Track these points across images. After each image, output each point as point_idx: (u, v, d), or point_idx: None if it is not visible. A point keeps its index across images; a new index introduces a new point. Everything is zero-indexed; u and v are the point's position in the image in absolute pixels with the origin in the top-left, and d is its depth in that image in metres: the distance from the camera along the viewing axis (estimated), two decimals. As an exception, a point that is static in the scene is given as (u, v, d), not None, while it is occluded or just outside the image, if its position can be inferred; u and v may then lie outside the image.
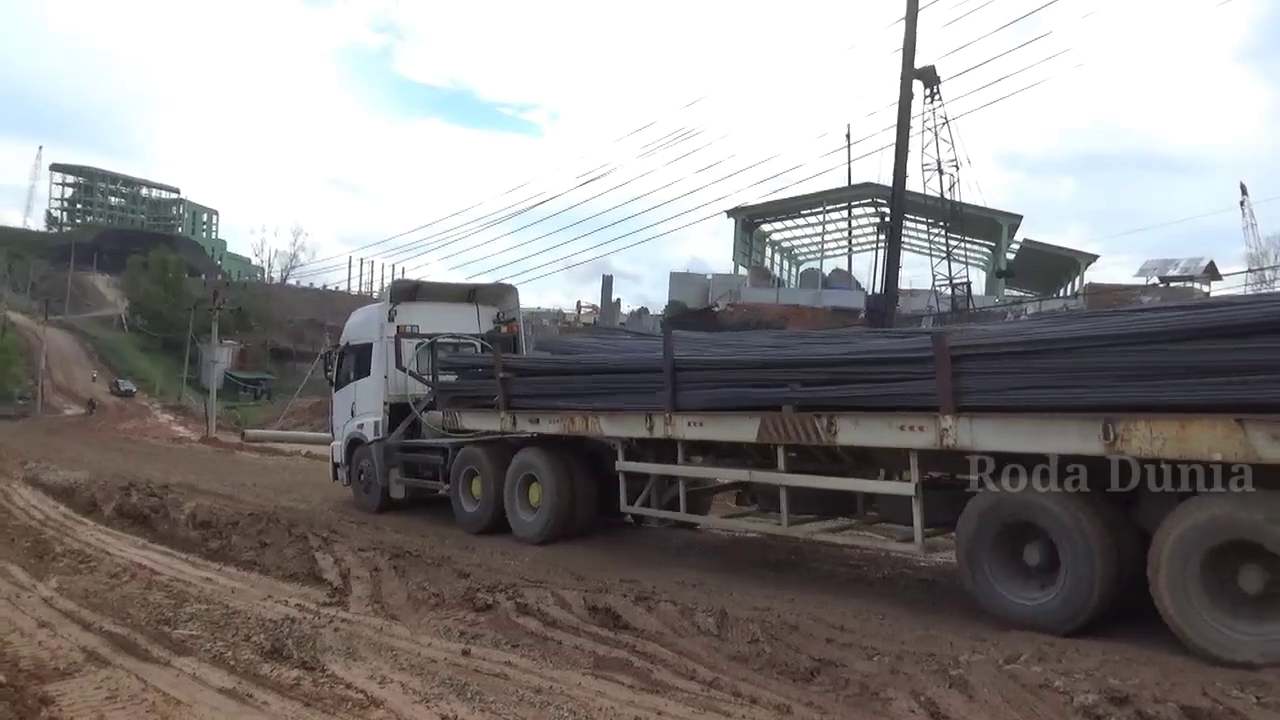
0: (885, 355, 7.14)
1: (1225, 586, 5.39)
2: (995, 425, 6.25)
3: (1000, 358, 6.36)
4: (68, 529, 12.13)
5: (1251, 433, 5.11)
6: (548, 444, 10.32)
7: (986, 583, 6.44)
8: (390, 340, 12.67)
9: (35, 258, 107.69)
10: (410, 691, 5.38)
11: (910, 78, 18.81)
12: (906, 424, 6.68)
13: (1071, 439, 5.87)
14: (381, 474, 12.65)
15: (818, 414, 7.23)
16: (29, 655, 6.22)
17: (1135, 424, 5.55)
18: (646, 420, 8.66)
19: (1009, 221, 51.90)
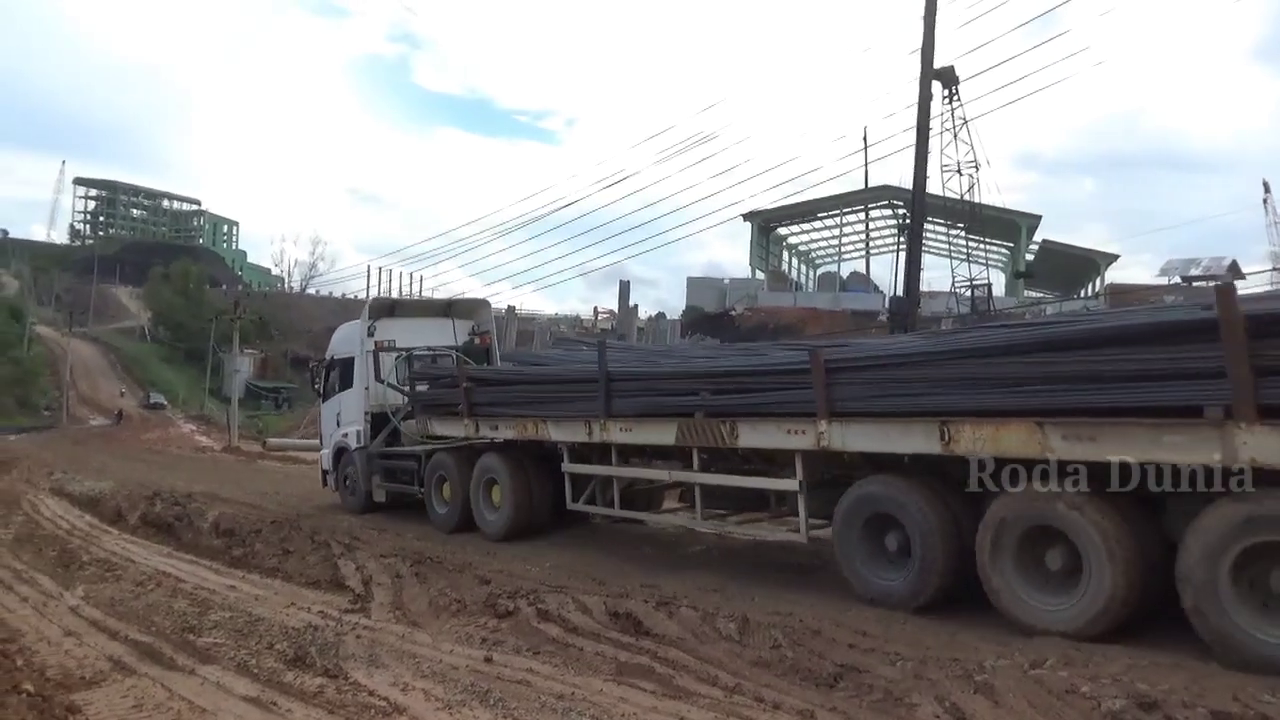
0: (775, 367, 8.01)
1: (1034, 564, 6.21)
2: (861, 429, 7.10)
3: (864, 370, 7.19)
4: (94, 538, 12.27)
5: (1049, 433, 5.96)
6: (507, 449, 10.98)
7: (855, 566, 7.30)
8: (370, 354, 13.55)
9: (59, 270, 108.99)
10: (433, 699, 5.40)
11: (929, 78, 18.72)
12: (792, 428, 7.51)
13: (918, 440, 6.72)
14: (364, 479, 13.48)
15: (723, 419, 8.08)
16: (56, 664, 6.29)
17: (962, 427, 6.40)
18: (586, 426, 9.49)
19: (1028, 222, 51.61)
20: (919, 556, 6.78)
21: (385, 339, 13.63)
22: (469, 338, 14.29)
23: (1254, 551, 5.22)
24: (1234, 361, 5.16)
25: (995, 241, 53.87)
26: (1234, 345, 5.17)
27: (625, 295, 42.65)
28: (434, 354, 13.76)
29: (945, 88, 26.73)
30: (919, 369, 6.86)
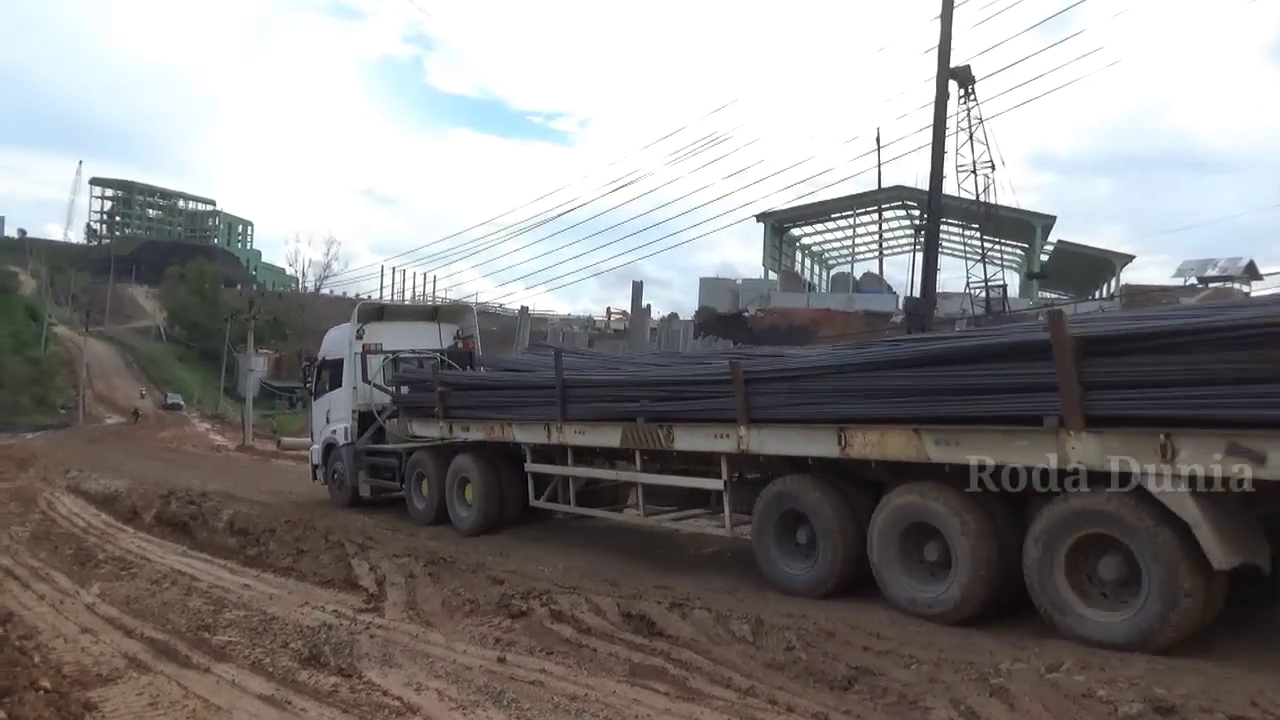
0: (705, 378, 8.71)
1: (915, 556, 6.89)
2: (774, 434, 7.77)
3: (776, 381, 7.82)
4: (109, 536, 12.34)
5: (925, 439, 6.64)
6: (478, 449, 11.57)
7: (770, 560, 7.95)
8: (358, 356, 14.19)
9: (76, 270, 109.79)
10: (446, 698, 5.40)
11: (946, 78, 18.61)
12: (718, 433, 8.20)
13: (820, 445, 7.39)
14: (351, 474, 14.17)
15: (661, 424, 8.79)
16: (72, 661, 6.32)
17: (856, 433, 7.07)
18: (546, 429, 10.18)
19: (1042, 223, 51.32)
20: (822, 549, 7.49)
21: (373, 342, 14.24)
22: (454, 342, 14.76)
23: (1085, 541, 5.93)
24: (1064, 377, 5.81)
25: (1010, 242, 53.58)
26: (1064, 363, 5.80)
27: (638, 296, 42.67)
28: (419, 357, 14.18)
29: (961, 87, 26.63)
30: (821, 381, 7.57)
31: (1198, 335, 5.54)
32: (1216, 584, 5.58)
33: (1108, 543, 5.84)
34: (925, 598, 6.74)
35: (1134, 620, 5.67)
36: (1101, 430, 5.73)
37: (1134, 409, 5.64)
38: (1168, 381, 5.55)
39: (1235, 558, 5.38)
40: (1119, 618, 5.78)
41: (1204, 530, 5.33)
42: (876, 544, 7.05)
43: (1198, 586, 5.46)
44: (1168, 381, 5.55)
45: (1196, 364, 5.44)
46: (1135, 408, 5.64)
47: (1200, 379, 5.41)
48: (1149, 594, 5.58)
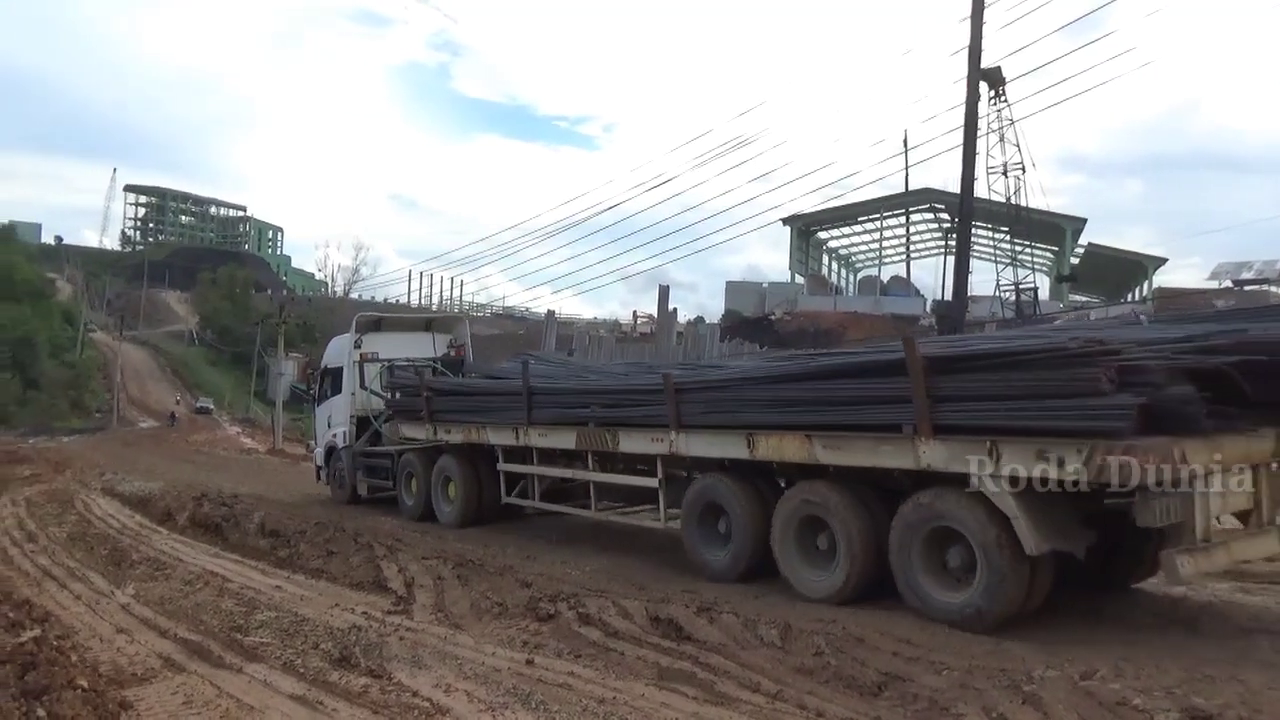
0: (644, 387, 9.59)
1: (809, 544, 7.74)
2: (698, 438, 8.67)
3: (700, 391, 8.81)
4: (143, 538, 12.51)
5: (815, 444, 7.50)
6: (460, 450, 12.42)
7: (695, 547, 8.85)
8: (356, 364, 15.13)
9: (111, 276, 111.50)
10: (475, 700, 5.42)
11: (977, 79, 18.47)
12: (655, 437, 9.09)
13: (733, 448, 8.29)
14: (350, 475, 15.21)
15: (608, 429, 9.68)
16: (108, 660, 6.42)
17: (760, 438, 7.96)
18: (514, 432, 11.08)
19: (1073, 225, 50.78)
20: (736, 538, 8.37)
21: (370, 351, 15.18)
22: (447, 350, 15.58)
23: (935, 532, 6.76)
24: (916, 392, 6.65)
25: (1040, 245, 52.88)
26: (916, 380, 6.65)
27: (664, 299, 42.66)
28: (413, 365, 14.80)
29: (991, 88, 26.38)
30: (734, 391, 8.50)
31: (1016, 357, 6.45)
32: (1040, 570, 6.42)
33: (952, 534, 6.66)
34: (816, 581, 7.60)
35: (970, 600, 6.51)
36: (946, 437, 6.57)
37: (970, 419, 6.51)
38: (994, 396, 6.42)
39: (1046, 545, 6.21)
40: (959, 599, 6.61)
41: (1020, 522, 6.16)
42: (778, 534, 7.93)
43: (1019, 571, 6.30)
44: (994, 396, 6.42)
45: (1015, 382, 6.32)
46: (971, 418, 6.51)
47: (1018, 394, 6.28)
48: (981, 578, 6.43)
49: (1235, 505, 6.38)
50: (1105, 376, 5.81)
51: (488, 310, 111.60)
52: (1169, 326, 7.79)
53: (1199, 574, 6.33)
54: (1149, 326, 8.25)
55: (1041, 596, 6.57)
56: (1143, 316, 10.47)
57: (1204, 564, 6.04)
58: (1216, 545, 6.08)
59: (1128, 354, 6.13)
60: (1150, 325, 8.30)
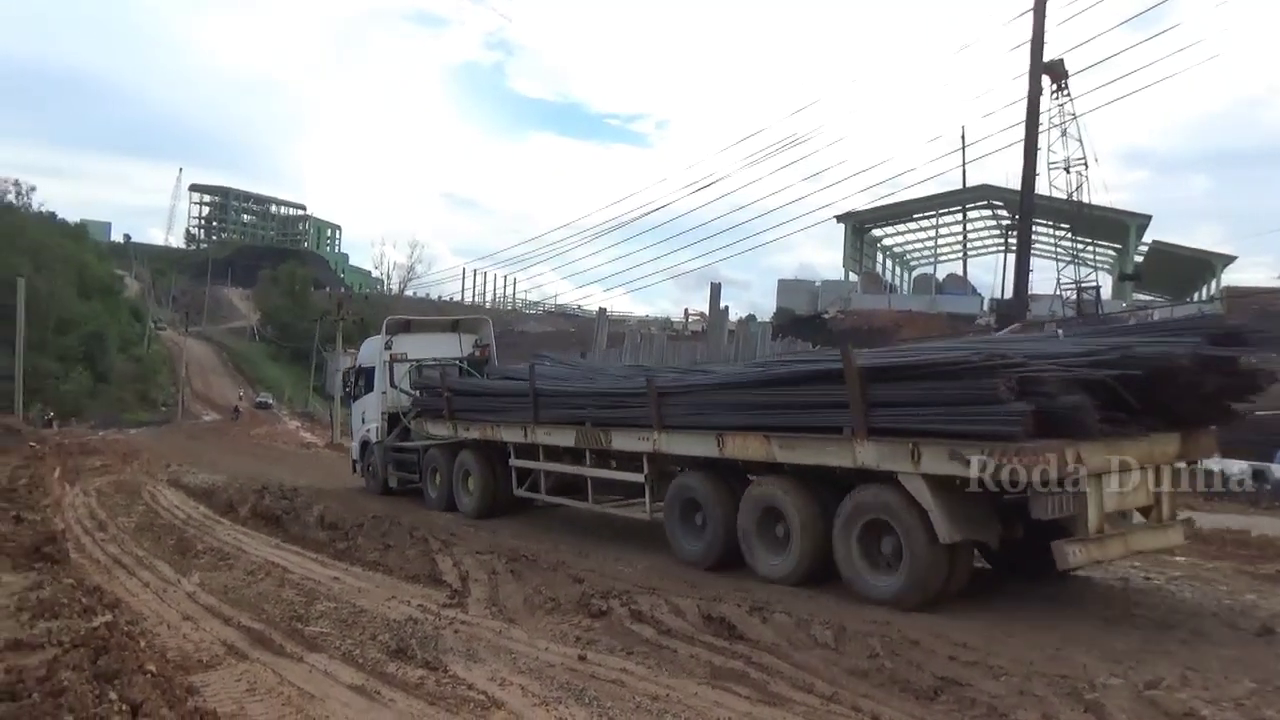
0: (633, 390, 10.34)
1: (769, 533, 8.51)
2: (677, 438, 9.48)
3: (679, 395, 9.60)
4: (207, 528, 12.83)
5: (773, 444, 8.32)
6: (477, 446, 13.17)
7: (675, 536, 9.63)
8: (386, 364, 15.89)
9: (176, 273, 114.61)
10: (529, 694, 5.47)
11: (1039, 73, 18.07)
12: (642, 436, 9.87)
13: (705, 447, 9.11)
14: (381, 468, 16.05)
15: (603, 428, 10.46)
16: (175, 647, 6.59)
17: (726, 438, 8.78)
18: (523, 430, 11.85)
19: (1137, 222, 49.36)
20: (710, 529, 9.12)
21: (399, 352, 15.96)
22: (472, 351, 16.17)
23: (870, 523, 7.53)
24: (854, 398, 7.42)
25: (1102, 242, 51.46)
26: (853, 387, 7.42)
27: (716, 298, 42.34)
28: (440, 365, 15.42)
29: (1054, 82, 25.73)
30: (707, 396, 9.34)
31: (935, 368, 7.17)
32: (958, 557, 7.29)
33: (884, 525, 7.43)
34: (774, 565, 8.42)
35: (896, 583, 7.32)
36: (878, 439, 7.33)
37: (897, 424, 7.26)
38: (917, 403, 7.15)
39: (959, 535, 7.00)
40: (887, 582, 7.41)
41: (936, 514, 6.94)
42: (742, 523, 8.71)
43: (938, 558, 7.10)
44: (917, 403, 7.15)
45: (933, 390, 7.06)
46: (898, 422, 7.26)
47: (936, 401, 7.01)
48: (905, 564, 7.23)
49: (1134, 502, 7.16)
50: (1004, 386, 6.52)
51: (540, 308, 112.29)
52: (1080, 341, 8.26)
53: (1090, 562, 7.03)
54: (1061, 340, 8.80)
55: (962, 581, 7.43)
56: (1060, 331, 10.84)
57: (1095, 553, 6.83)
58: (1111, 537, 6.87)
59: (1028, 367, 6.78)
60: (1063, 339, 8.81)
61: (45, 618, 6.80)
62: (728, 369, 11.47)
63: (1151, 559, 9.40)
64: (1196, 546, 9.97)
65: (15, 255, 58.38)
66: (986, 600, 7.58)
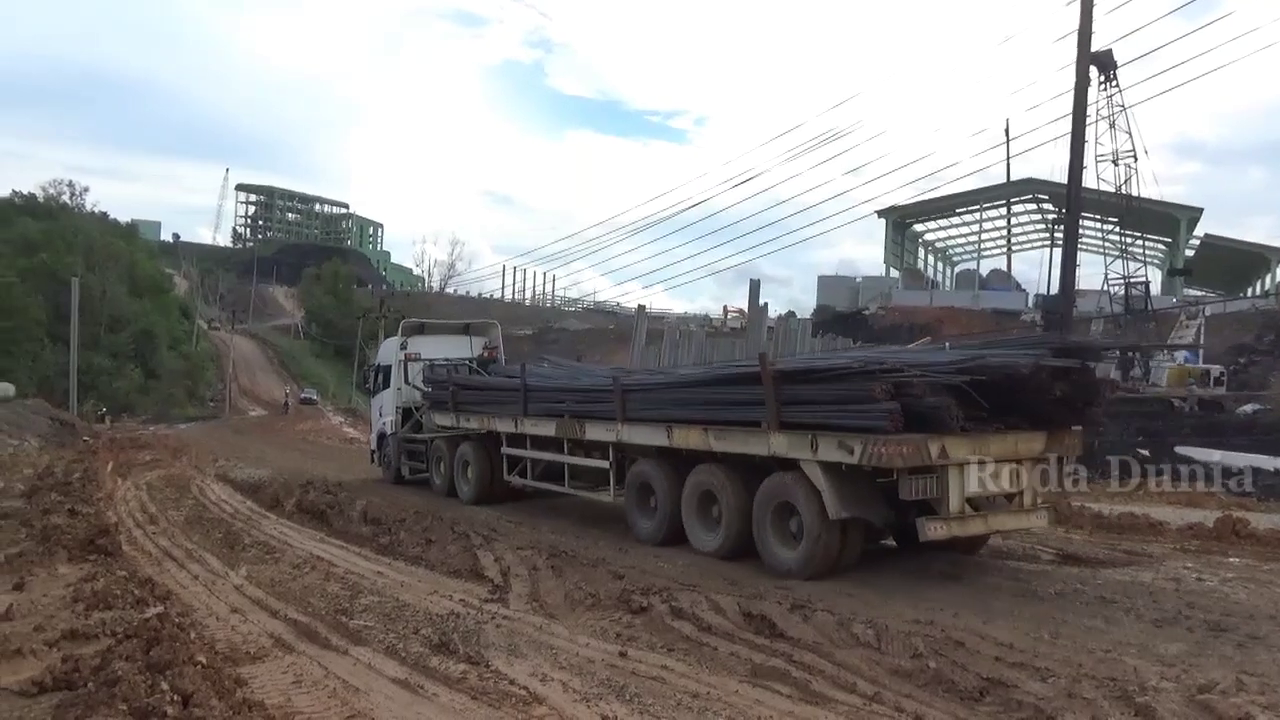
0: (601, 387, 11.56)
1: (706, 514, 9.64)
2: (636, 429, 10.61)
3: (638, 392, 10.83)
4: (254, 522, 13.06)
5: (709, 435, 9.49)
6: (476, 438, 14.44)
7: (634, 517, 10.79)
8: (401, 363, 17.24)
9: (223, 271, 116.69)
10: (570, 690, 5.48)
11: (1086, 63, 17.69)
12: (609, 427, 11.00)
13: (657, 437, 10.25)
14: (396, 458, 17.32)
15: (578, 420, 11.63)
16: (223, 639, 6.71)
17: (675, 430, 9.95)
18: (514, 422, 13.11)
19: (1188, 215, 48.37)
20: (660, 510, 10.29)
21: (413, 351, 17.26)
22: (482, 351, 17.53)
23: (780, 504, 8.64)
24: (769, 397, 8.58)
25: (1152, 236, 50.43)
26: (768, 388, 8.59)
27: (755, 294, 42.04)
28: (451, 364, 16.70)
29: (1101, 73, 25.19)
30: (660, 393, 10.58)
31: (829, 372, 8.50)
32: (850, 533, 8.36)
33: (791, 506, 8.51)
34: (707, 541, 9.56)
35: (798, 556, 8.41)
36: (787, 431, 8.46)
37: (801, 418, 8.41)
38: (816, 401, 8.33)
39: (846, 513, 8.08)
40: (791, 554, 8.52)
41: (828, 495, 8.06)
42: (684, 506, 9.85)
43: (831, 533, 8.20)
44: (816, 401, 8.33)
45: (828, 391, 8.29)
46: (801, 417, 8.41)
47: (829, 400, 8.20)
48: (804, 539, 8.32)
49: (998, 488, 8.18)
50: (878, 389, 7.69)
51: (579, 305, 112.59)
52: (959, 351, 9.40)
53: (948, 536, 8.04)
54: (942, 351, 9.97)
55: (854, 554, 8.54)
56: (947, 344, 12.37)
57: (956, 529, 7.97)
58: (971, 517, 8.02)
59: (901, 373, 7.87)
60: (947, 350, 9.92)
61: (100, 608, 6.98)
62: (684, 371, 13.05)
63: (1205, 561, 9.22)
64: (1252, 548, 9.78)
65: (70, 255, 59.99)
66: (1031, 601, 7.48)
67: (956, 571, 8.49)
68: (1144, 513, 11.50)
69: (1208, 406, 24.07)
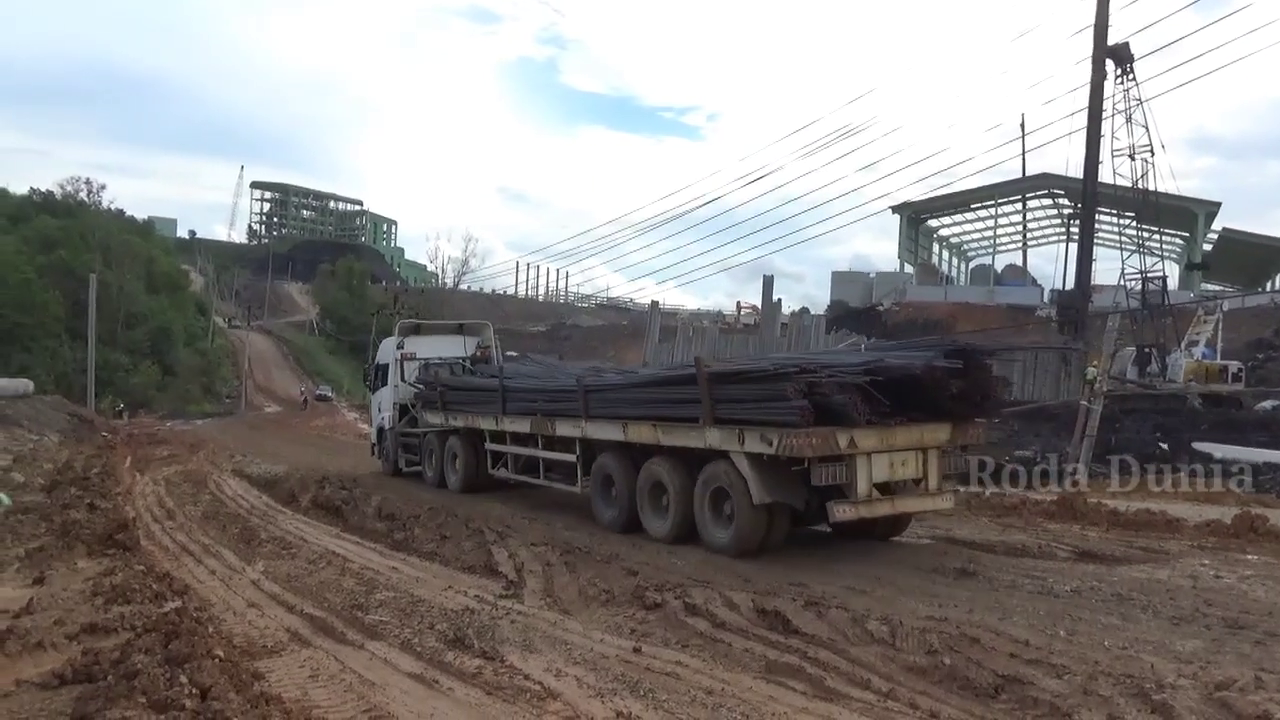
0: (568, 388, 12.40)
1: (658, 503, 10.49)
2: (598, 426, 11.45)
3: (598, 392, 11.67)
4: (270, 517, 13.15)
5: (658, 430, 10.34)
6: (463, 433, 15.33)
7: (598, 506, 11.61)
8: (398, 361, 17.88)
9: (238, 268, 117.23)
10: (585, 686, 5.50)
11: (1102, 57, 17.56)
12: (575, 424, 11.87)
13: (615, 432, 11.08)
14: (392, 451, 18.22)
15: (549, 418, 12.54)
16: (241, 633, 6.77)
17: (630, 426, 10.81)
18: (494, 419, 14.03)
19: (1205, 210, 47.85)
20: (620, 499, 11.07)
21: (410, 351, 17.95)
22: (475, 351, 18.16)
23: (716, 490, 9.58)
24: (704, 396, 9.50)
25: (1169, 231, 49.93)
26: (704, 388, 9.52)
27: (768, 291, 41.94)
28: (446, 363, 17.46)
29: (1118, 66, 24.97)
30: (618, 393, 11.47)
31: (753, 374, 9.52)
32: (775, 516, 9.31)
33: (725, 492, 9.46)
34: (658, 527, 10.36)
35: (729, 536, 9.39)
36: (720, 426, 9.37)
37: (731, 415, 9.32)
38: (743, 400, 9.28)
39: (769, 497, 9.06)
40: (724, 535, 9.47)
41: (753, 482, 9.04)
42: (639, 495, 10.69)
43: (758, 516, 9.20)
44: (743, 400, 9.28)
45: (751, 390, 9.25)
46: (731, 414, 9.32)
47: (753, 399, 9.15)
48: (735, 521, 9.32)
49: (905, 475, 9.21)
50: (790, 389, 8.62)
51: (592, 301, 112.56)
52: (867, 353, 10.67)
53: (856, 517, 8.97)
54: (856, 353, 11.07)
55: (780, 535, 9.48)
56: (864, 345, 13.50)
57: (863, 511, 8.94)
58: (879, 500, 9.02)
59: (813, 374, 8.81)
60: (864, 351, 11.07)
61: (118, 602, 7.04)
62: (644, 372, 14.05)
63: (1223, 558, 9.16)
64: (1271, 545, 9.71)
65: (87, 252, 60.45)
66: (1047, 598, 7.44)
67: (971, 568, 8.46)
68: (1160, 509, 11.44)
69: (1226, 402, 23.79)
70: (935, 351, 9.52)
